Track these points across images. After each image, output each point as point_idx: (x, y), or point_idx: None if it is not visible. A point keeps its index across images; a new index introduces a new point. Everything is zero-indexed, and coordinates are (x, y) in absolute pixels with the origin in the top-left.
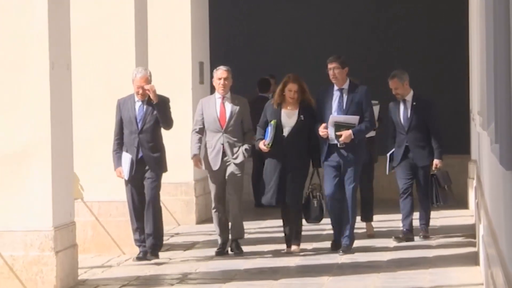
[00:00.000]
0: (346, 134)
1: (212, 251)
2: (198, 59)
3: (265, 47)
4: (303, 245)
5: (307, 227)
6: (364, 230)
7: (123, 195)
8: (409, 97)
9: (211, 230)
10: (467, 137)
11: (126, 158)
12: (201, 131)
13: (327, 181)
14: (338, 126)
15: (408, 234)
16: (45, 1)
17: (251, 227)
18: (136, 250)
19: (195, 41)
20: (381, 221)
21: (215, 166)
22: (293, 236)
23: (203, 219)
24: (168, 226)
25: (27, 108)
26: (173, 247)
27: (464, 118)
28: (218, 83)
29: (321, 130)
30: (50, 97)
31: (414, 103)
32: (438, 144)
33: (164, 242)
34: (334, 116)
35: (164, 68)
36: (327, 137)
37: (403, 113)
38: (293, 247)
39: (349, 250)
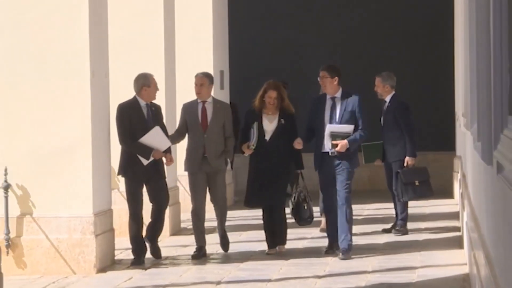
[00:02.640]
0: (342, 144)
1: (231, 236)
2: (219, 68)
3: (280, 56)
4: (309, 230)
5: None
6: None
7: None
8: (387, 98)
9: (231, 217)
10: (452, 136)
11: (154, 132)
12: (180, 133)
13: (322, 188)
14: (334, 136)
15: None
16: (87, 18)
17: (259, 214)
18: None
19: (216, 52)
20: (377, 209)
21: (195, 170)
22: (279, 236)
23: None
24: None
25: (71, 111)
26: None
27: (450, 119)
28: (195, 89)
29: (296, 143)
30: (91, 101)
31: (389, 104)
32: (409, 143)
33: (189, 226)
34: (330, 126)
35: (190, 76)
36: (321, 144)
37: (382, 113)
38: (280, 247)
39: (348, 254)
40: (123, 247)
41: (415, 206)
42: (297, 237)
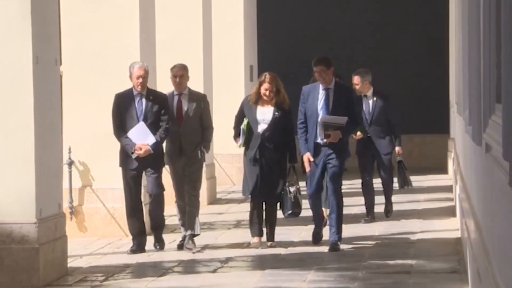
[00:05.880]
0: (335, 134)
1: None
2: (249, 63)
3: (308, 51)
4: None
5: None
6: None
7: None
8: (369, 93)
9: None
10: (447, 120)
11: (139, 128)
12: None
13: (311, 178)
14: (327, 126)
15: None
16: (137, 21)
17: None
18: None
19: (246, 48)
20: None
21: (173, 161)
22: (268, 232)
23: None
24: (226, 186)
25: None
26: (230, 201)
27: (445, 106)
28: (174, 81)
29: (306, 162)
30: None
31: (375, 98)
32: (397, 134)
33: (223, 197)
34: (325, 116)
35: (224, 70)
36: (314, 135)
37: (365, 107)
38: (271, 243)
39: (337, 246)
40: (166, 214)
41: (415, 181)
42: None
